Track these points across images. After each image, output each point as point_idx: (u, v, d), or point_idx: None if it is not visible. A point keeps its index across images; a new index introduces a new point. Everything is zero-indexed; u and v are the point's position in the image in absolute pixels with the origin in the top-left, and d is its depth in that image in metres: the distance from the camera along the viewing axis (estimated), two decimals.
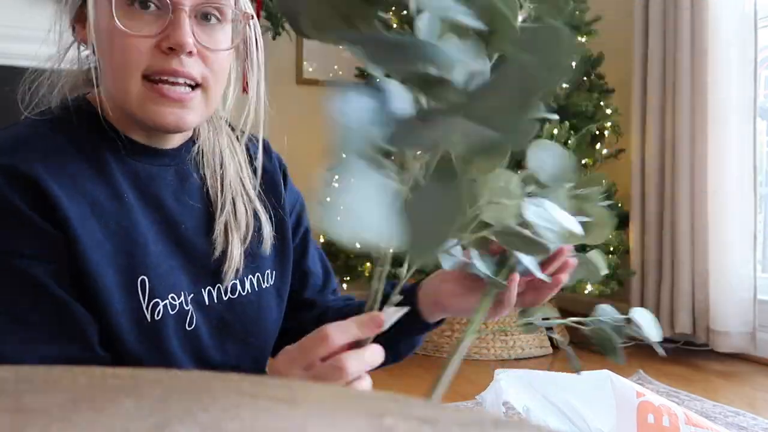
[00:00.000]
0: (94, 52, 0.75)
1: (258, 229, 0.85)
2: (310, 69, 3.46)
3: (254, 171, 0.87)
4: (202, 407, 0.24)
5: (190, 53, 0.70)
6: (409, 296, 0.83)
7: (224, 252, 0.81)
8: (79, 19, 0.76)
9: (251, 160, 0.88)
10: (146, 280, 0.73)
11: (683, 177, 2.42)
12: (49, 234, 0.68)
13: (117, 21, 0.68)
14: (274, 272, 0.88)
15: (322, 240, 2.04)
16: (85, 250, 0.69)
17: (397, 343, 0.85)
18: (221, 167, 0.84)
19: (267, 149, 0.93)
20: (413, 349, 0.90)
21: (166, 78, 0.70)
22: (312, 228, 0.98)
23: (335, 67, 3.49)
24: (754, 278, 2.31)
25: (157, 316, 0.74)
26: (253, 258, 0.85)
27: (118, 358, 0.72)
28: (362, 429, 0.22)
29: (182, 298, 0.76)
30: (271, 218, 0.87)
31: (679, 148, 2.44)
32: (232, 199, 0.83)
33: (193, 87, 0.73)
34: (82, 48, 0.79)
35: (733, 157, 2.33)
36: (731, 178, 2.33)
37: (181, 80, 0.71)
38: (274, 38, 3.36)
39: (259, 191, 0.87)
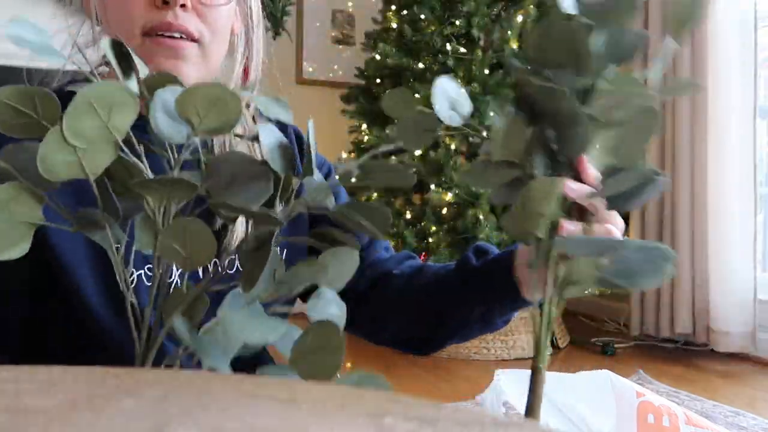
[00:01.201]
0: (98, 21, 0.76)
1: None
2: (310, 69, 3.46)
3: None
4: (202, 407, 0.24)
5: (183, 6, 0.70)
6: (505, 263, 0.72)
7: (225, 225, 0.77)
8: None
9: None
10: (120, 247, 0.73)
11: (683, 177, 2.42)
12: None
13: None
14: (285, 249, 0.84)
15: None
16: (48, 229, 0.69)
17: (492, 312, 0.76)
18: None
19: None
20: (507, 323, 0.80)
21: (162, 33, 0.71)
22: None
23: (335, 67, 3.49)
24: (754, 278, 2.31)
25: (132, 284, 0.73)
26: None
27: (85, 330, 0.72)
28: (362, 429, 0.22)
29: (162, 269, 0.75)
30: None
31: (679, 148, 2.44)
32: None
33: (190, 40, 0.73)
34: (88, 47, 0.79)
35: (733, 157, 2.33)
36: (731, 178, 2.33)
37: (176, 34, 0.71)
38: (274, 38, 3.36)
39: None
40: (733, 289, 2.32)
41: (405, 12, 2.61)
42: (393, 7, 2.69)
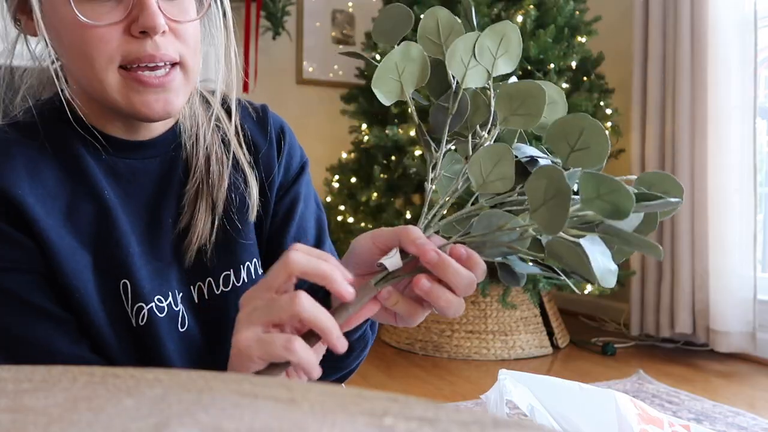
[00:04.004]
0: (47, 44, 0.69)
1: (243, 196, 0.78)
2: (310, 69, 3.46)
3: (245, 142, 0.80)
4: (202, 407, 0.24)
5: (163, 33, 0.65)
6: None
7: (189, 224, 0.74)
8: (23, 11, 0.70)
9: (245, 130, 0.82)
10: (128, 283, 0.70)
11: (683, 177, 2.42)
12: (25, 245, 0.66)
13: (78, 13, 0.63)
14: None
15: None
16: (62, 260, 0.67)
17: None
18: (197, 135, 0.78)
19: (263, 120, 0.84)
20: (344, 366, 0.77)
21: (145, 64, 0.66)
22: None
23: (335, 67, 3.49)
24: (754, 278, 2.31)
25: (142, 321, 0.70)
26: (246, 237, 0.78)
27: (107, 365, 0.70)
28: (362, 429, 0.22)
29: (170, 298, 0.72)
30: (264, 198, 0.80)
31: (679, 148, 2.44)
32: (206, 160, 0.76)
33: (172, 65, 0.68)
34: (34, 42, 0.73)
35: (733, 156, 2.33)
36: (731, 177, 2.33)
37: (160, 64, 0.66)
38: (274, 38, 3.36)
39: (250, 163, 0.80)
40: (733, 289, 2.32)
41: None
42: None
